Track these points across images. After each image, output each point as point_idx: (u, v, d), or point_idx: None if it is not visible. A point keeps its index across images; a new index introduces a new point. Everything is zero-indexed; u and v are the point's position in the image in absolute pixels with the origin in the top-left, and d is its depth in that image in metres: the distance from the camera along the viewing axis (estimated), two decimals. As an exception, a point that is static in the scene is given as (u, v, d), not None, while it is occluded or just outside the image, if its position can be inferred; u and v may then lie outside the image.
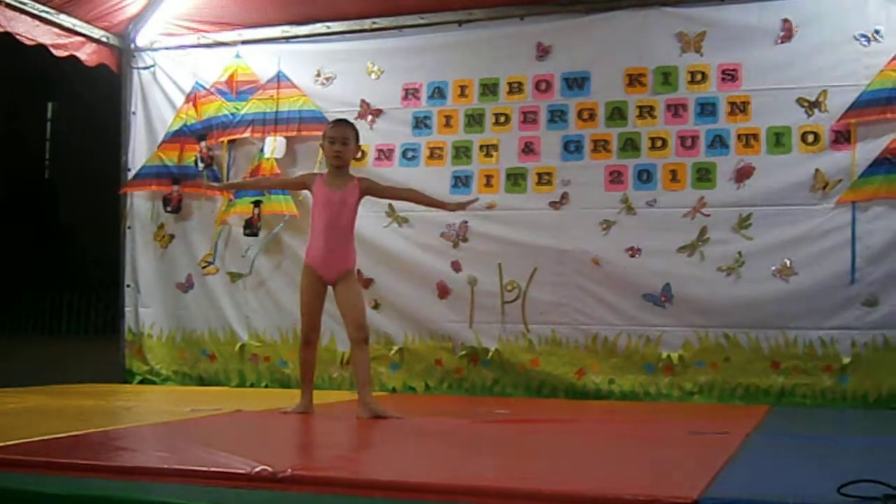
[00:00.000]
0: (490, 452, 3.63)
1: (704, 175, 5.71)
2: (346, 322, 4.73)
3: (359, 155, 4.97)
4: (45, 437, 3.46)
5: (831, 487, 2.45)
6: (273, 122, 6.45)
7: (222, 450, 3.13)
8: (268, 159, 6.46)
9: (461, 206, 4.99)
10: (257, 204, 6.48)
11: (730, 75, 5.73)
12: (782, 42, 5.66)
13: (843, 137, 5.50)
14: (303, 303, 4.77)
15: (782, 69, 5.63)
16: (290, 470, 2.72)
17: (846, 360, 5.38)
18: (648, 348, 5.73)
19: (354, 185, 4.75)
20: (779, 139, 5.60)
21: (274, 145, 6.45)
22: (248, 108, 6.57)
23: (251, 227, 6.52)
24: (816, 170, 5.50)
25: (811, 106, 5.56)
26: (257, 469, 2.74)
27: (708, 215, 5.67)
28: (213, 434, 3.99)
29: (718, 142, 5.71)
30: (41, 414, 4.51)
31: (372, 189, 4.88)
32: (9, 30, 6.01)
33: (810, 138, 5.55)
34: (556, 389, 5.86)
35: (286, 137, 6.46)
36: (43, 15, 6.23)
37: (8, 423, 4.07)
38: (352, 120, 6.24)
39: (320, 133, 6.19)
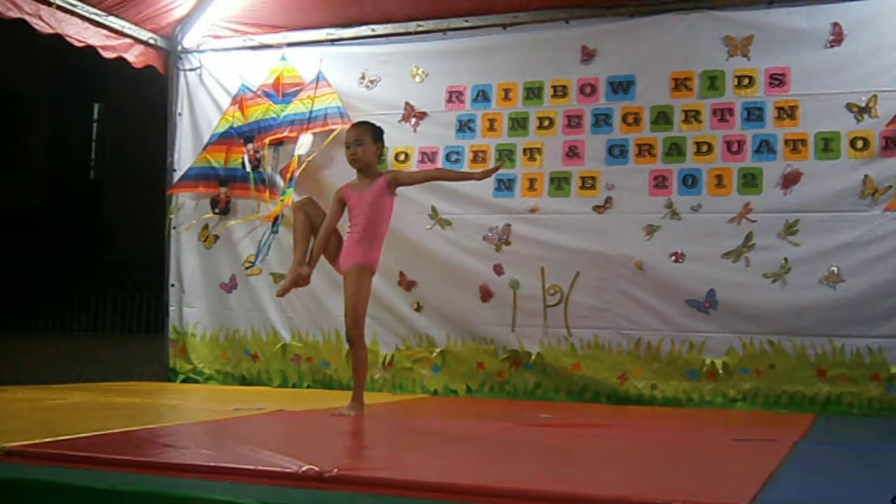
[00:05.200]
0: (534, 456, 3.62)
1: (751, 180, 5.65)
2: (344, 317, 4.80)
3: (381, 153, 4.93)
4: (93, 434, 3.51)
5: (883, 498, 2.41)
6: (307, 121, 6.49)
7: (267, 449, 3.15)
8: (293, 157, 6.53)
9: (487, 174, 4.91)
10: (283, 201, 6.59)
11: (778, 80, 5.67)
12: (832, 46, 5.58)
13: (893, 143, 5.40)
14: None
15: (831, 73, 5.55)
16: (336, 470, 2.73)
17: (894, 370, 5.28)
18: (692, 354, 5.68)
19: (379, 181, 4.76)
20: (827, 145, 5.52)
21: (302, 143, 6.51)
22: (289, 109, 6.61)
23: (275, 224, 6.61)
24: (865, 176, 5.43)
25: (861, 111, 5.48)
26: (304, 468, 2.75)
27: (754, 221, 5.61)
28: (258, 433, 4.02)
29: (765, 147, 5.65)
30: (88, 410, 4.57)
31: (399, 179, 4.87)
32: (59, 31, 6.10)
33: (859, 144, 5.47)
34: (599, 394, 5.83)
35: (314, 134, 6.50)
36: (92, 17, 6.31)
37: (56, 419, 4.13)
38: (396, 123, 6.34)
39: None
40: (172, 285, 6.97)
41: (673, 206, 5.77)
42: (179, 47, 7.03)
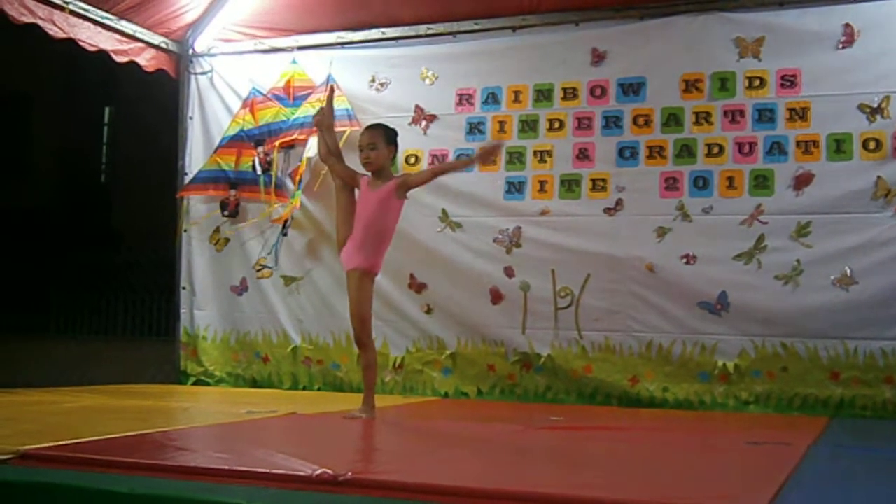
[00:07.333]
0: (546, 459, 3.61)
1: (762, 182, 5.63)
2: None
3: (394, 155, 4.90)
4: (107, 437, 3.50)
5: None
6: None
7: (281, 452, 3.15)
8: (302, 160, 6.56)
9: (484, 155, 4.81)
10: None
11: (789, 81, 5.65)
12: (843, 47, 5.57)
13: (905, 144, 5.40)
14: None
15: (843, 74, 5.54)
16: (350, 473, 2.73)
17: (908, 372, 5.27)
18: (703, 357, 5.66)
19: (389, 183, 4.75)
20: (839, 146, 5.51)
21: (311, 145, 6.53)
22: (299, 112, 6.63)
23: (285, 227, 6.64)
24: (878, 177, 5.41)
25: (873, 112, 5.46)
26: (318, 472, 2.75)
27: (766, 223, 5.59)
28: (271, 436, 4.03)
29: (777, 148, 5.63)
30: (100, 413, 4.58)
31: (408, 182, 4.84)
32: (72, 36, 6.13)
33: (872, 145, 5.45)
34: (610, 396, 5.82)
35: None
36: (105, 22, 6.35)
37: (69, 421, 4.13)
38: (406, 126, 6.34)
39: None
40: (184, 288, 6.99)
41: (684, 208, 5.76)
42: (191, 51, 7.06)
